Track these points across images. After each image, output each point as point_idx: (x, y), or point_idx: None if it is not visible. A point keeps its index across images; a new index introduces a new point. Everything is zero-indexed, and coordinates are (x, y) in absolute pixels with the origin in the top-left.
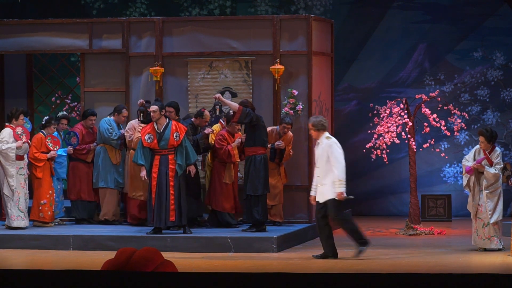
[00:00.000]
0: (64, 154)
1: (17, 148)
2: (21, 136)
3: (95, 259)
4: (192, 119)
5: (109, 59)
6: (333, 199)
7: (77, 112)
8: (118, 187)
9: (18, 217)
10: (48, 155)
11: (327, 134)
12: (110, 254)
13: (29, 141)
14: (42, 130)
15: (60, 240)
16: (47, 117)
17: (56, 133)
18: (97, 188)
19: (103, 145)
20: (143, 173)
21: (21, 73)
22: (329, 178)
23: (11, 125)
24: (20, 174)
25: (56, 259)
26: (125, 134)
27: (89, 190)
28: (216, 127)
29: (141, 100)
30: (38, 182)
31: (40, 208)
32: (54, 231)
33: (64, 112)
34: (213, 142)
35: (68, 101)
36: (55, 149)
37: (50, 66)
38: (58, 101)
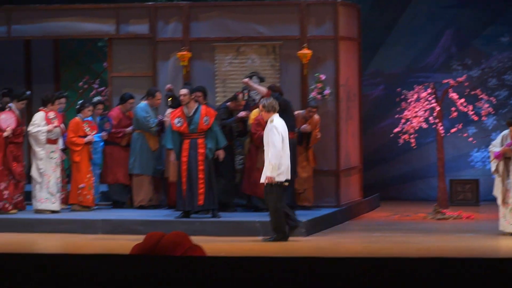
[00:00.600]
0: (98, 139)
1: (48, 131)
2: (52, 121)
3: (124, 244)
4: (227, 103)
5: (136, 44)
6: (268, 185)
7: (105, 97)
8: (157, 174)
9: (46, 200)
10: (86, 140)
11: (273, 117)
12: (139, 239)
13: (62, 125)
14: (79, 114)
15: (89, 224)
16: (82, 100)
17: (91, 118)
18: (132, 174)
19: (141, 132)
20: (173, 156)
21: (48, 58)
22: (267, 161)
23: (45, 109)
24: (51, 158)
25: (85, 243)
26: (164, 119)
27: (126, 173)
28: (256, 111)
29: (169, 85)
30: (76, 166)
31: (79, 192)
32: (83, 216)
33: (100, 97)
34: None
35: (96, 86)
36: (92, 133)
37: (77, 51)
38: (85, 86)
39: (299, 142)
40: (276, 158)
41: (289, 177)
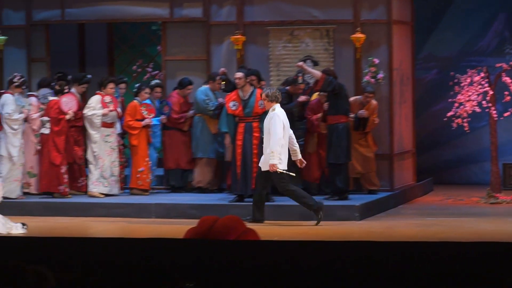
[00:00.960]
0: (158, 123)
1: (103, 115)
2: (108, 104)
3: (178, 228)
4: (287, 87)
5: (190, 27)
6: (264, 171)
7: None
8: (219, 157)
9: (99, 183)
10: (143, 123)
11: (275, 106)
12: (193, 223)
13: (118, 109)
14: (136, 98)
15: (143, 208)
16: (139, 84)
17: (149, 101)
18: (195, 158)
19: (201, 115)
20: (228, 140)
21: (102, 42)
22: (268, 149)
23: (101, 92)
24: (106, 141)
25: (139, 227)
26: (224, 103)
27: (186, 158)
28: (315, 95)
29: (222, 69)
30: (134, 150)
31: (138, 176)
32: (137, 199)
33: (158, 81)
34: None
35: (149, 70)
36: (150, 117)
37: (131, 35)
38: (139, 70)
39: (355, 127)
40: (278, 146)
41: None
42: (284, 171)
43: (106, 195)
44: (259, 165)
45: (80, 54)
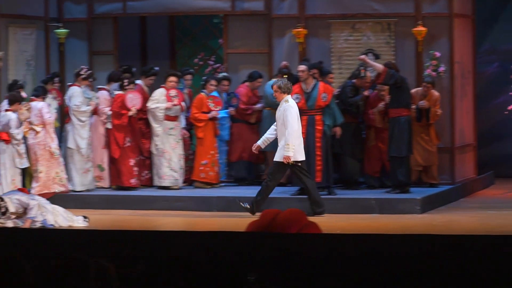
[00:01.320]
0: (226, 115)
1: (166, 109)
2: (173, 98)
3: (239, 221)
4: (354, 80)
5: (251, 20)
6: (277, 161)
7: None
8: None
9: (169, 176)
10: (209, 115)
11: (287, 97)
12: (254, 216)
13: (182, 103)
14: (203, 90)
15: (204, 201)
16: (206, 77)
17: (217, 93)
18: (265, 152)
19: (270, 109)
20: None
21: (163, 35)
22: (283, 140)
23: (164, 85)
24: (170, 135)
25: (200, 220)
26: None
27: (252, 151)
28: None
29: (284, 62)
30: (199, 142)
31: (201, 168)
32: (198, 193)
33: (226, 73)
34: None
35: (211, 63)
36: (217, 109)
37: (193, 28)
38: (201, 63)
39: (417, 118)
40: (293, 138)
41: (303, 158)
42: (299, 163)
43: (176, 188)
44: (275, 159)
45: (142, 47)
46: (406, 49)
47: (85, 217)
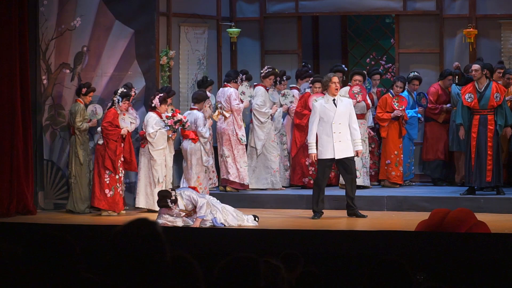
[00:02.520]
0: (415, 115)
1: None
2: (356, 95)
3: (409, 220)
4: None
5: (422, 20)
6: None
7: (392, 74)
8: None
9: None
10: (392, 115)
11: (345, 89)
12: (424, 215)
13: (368, 100)
14: (390, 90)
15: (375, 201)
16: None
17: (406, 93)
18: (452, 151)
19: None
20: (462, 132)
21: (336, 34)
22: (348, 135)
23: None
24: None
25: (369, 219)
26: None
27: (444, 150)
28: None
29: (456, 63)
30: (383, 142)
31: (385, 168)
32: (368, 192)
33: (416, 73)
34: None
35: (383, 62)
36: (400, 108)
37: (365, 28)
38: (372, 63)
39: None
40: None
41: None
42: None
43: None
44: (328, 157)
45: (314, 46)
46: None
47: (255, 217)
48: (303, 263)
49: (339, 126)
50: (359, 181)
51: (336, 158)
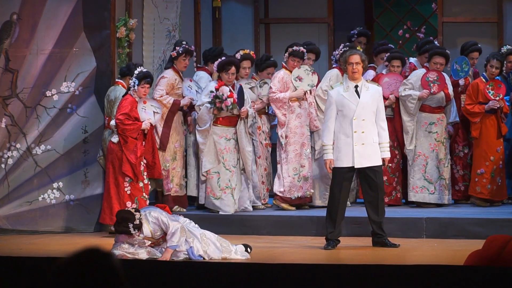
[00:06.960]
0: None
1: (419, 99)
2: (431, 84)
3: (457, 251)
4: None
5: None
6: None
7: None
8: None
9: (422, 189)
10: (486, 107)
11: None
12: (477, 244)
13: (449, 91)
14: (483, 74)
15: (410, 224)
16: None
17: (499, 77)
18: None
19: None
20: None
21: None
22: (375, 137)
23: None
24: (429, 132)
25: (403, 250)
26: None
27: None
28: None
29: None
30: (474, 144)
31: (476, 180)
32: (401, 213)
33: (510, 47)
34: None
35: (421, 35)
36: (496, 98)
37: None
38: (406, 35)
39: None
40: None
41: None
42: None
43: (437, 204)
44: (358, 164)
45: (328, 14)
46: None
47: (246, 247)
48: None
49: (362, 123)
50: (432, 198)
51: (356, 167)
